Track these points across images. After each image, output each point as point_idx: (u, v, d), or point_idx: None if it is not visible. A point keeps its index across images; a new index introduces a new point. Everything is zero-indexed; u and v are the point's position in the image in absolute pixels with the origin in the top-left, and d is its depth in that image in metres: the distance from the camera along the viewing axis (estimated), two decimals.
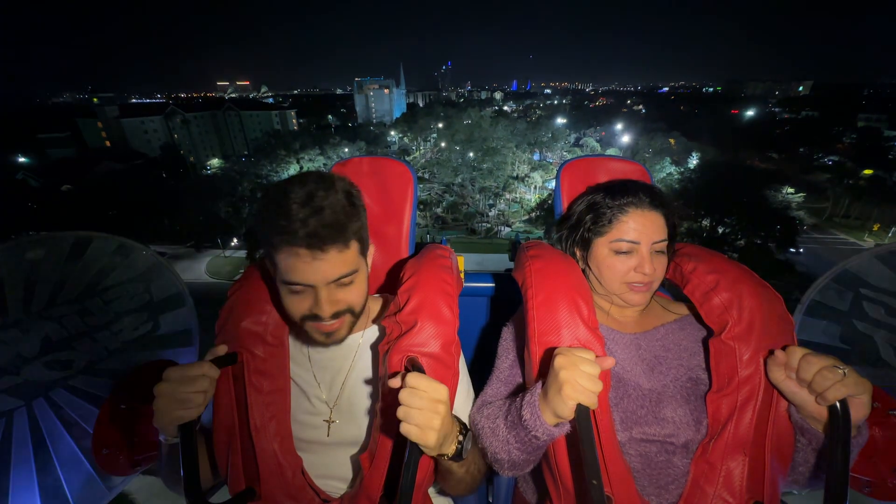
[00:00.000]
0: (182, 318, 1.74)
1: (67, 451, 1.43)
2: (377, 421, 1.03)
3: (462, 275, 1.37)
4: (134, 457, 1.40)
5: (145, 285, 1.65)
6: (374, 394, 1.13)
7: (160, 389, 0.91)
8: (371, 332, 1.22)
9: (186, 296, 1.72)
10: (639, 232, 1.13)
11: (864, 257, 1.42)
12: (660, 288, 1.33)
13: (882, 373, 1.37)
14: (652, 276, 1.14)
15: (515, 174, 44.38)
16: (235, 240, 36.72)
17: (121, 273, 1.59)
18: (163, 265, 1.68)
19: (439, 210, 42.04)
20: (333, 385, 1.16)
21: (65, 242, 1.46)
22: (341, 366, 1.17)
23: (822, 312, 1.48)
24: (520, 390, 1.14)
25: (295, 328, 1.17)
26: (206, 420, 1.12)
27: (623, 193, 1.18)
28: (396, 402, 0.85)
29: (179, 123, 71.90)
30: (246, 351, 1.10)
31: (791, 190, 38.06)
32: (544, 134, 54.16)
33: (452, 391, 1.05)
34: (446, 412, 0.88)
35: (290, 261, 0.92)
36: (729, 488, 0.98)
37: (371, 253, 1.13)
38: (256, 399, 1.08)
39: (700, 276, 1.16)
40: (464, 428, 0.97)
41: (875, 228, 39.38)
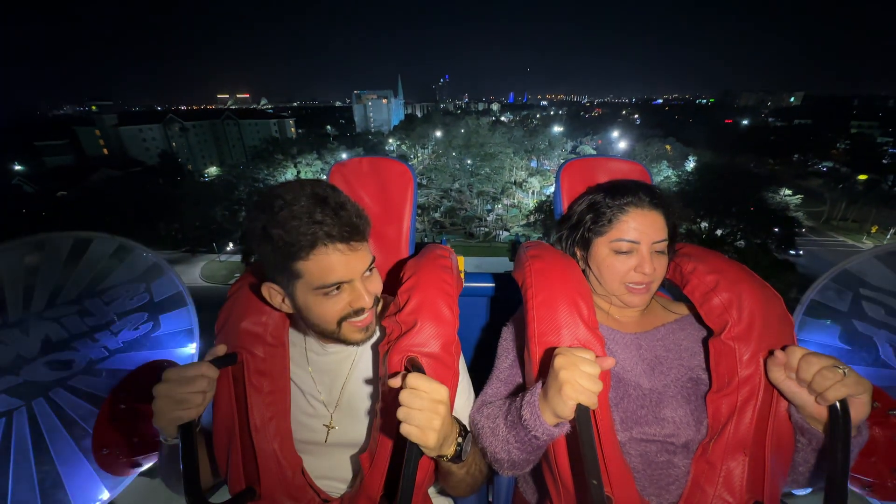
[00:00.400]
0: (182, 318, 1.73)
1: (67, 451, 1.42)
2: (377, 421, 1.03)
3: (462, 275, 1.37)
4: (134, 457, 1.40)
5: (145, 285, 1.65)
6: (375, 394, 1.13)
7: (159, 390, 0.91)
8: (373, 335, 1.21)
9: (186, 296, 1.71)
10: (639, 232, 1.14)
11: (864, 257, 1.43)
12: (660, 288, 1.34)
13: (882, 373, 1.37)
14: (652, 277, 1.14)
15: (513, 179, 44.38)
16: (231, 244, 36.58)
17: (121, 273, 1.59)
18: (163, 265, 1.67)
19: (437, 215, 42.00)
20: (333, 387, 1.16)
21: (65, 243, 1.46)
22: (342, 367, 1.17)
23: (822, 312, 1.48)
24: (520, 390, 1.14)
25: (310, 333, 1.16)
26: (207, 420, 1.12)
27: (623, 193, 1.18)
28: (396, 403, 0.85)
29: (178, 132, 71.88)
30: (246, 351, 1.10)
31: (789, 192, 38.25)
32: (541, 141, 54.31)
33: (452, 391, 1.05)
34: (446, 413, 0.88)
35: (326, 261, 0.93)
36: (729, 488, 0.98)
37: None
38: (256, 399, 1.08)
39: (700, 277, 1.16)
40: (463, 429, 0.97)
41: (873, 230, 39.53)
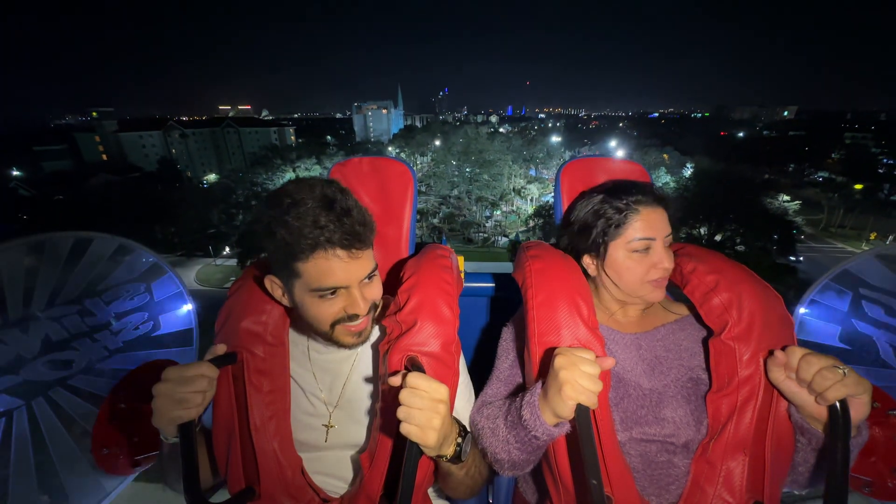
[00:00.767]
0: (182, 318, 1.73)
1: (67, 451, 1.42)
2: (377, 421, 1.03)
3: (462, 275, 1.38)
4: (134, 457, 1.39)
5: (145, 285, 1.65)
6: (375, 394, 1.13)
7: (159, 389, 0.91)
8: (373, 335, 1.21)
9: (186, 296, 1.71)
10: (653, 228, 1.14)
11: (864, 257, 1.43)
12: None
13: (882, 373, 1.37)
14: (671, 269, 1.15)
15: (512, 186, 44.45)
16: (227, 248, 36.54)
17: (121, 273, 1.59)
18: (163, 265, 1.67)
19: (436, 220, 42.02)
20: (334, 386, 1.16)
21: (65, 243, 1.46)
22: (342, 367, 1.17)
23: (822, 312, 1.48)
24: (520, 390, 1.14)
25: (309, 333, 1.17)
26: (206, 420, 1.11)
27: (630, 193, 1.17)
28: (396, 402, 0.85)
29: (178, 138, 71.96)
30: (246, 350, 1.10)
31: (787, 198, 38.46)
32: (539, 150, 54.52)
33: (452, 391, 1.05)
34: (446, 412, 0.88)
35: (325, 265, 0.93)
36: (729, 488, 0.97)
37: None
38: (256, 398, 1.07)
39: (700, 277, 1.16)
40: (463, 430, 0.97)
41: (872, 237, 39.69)
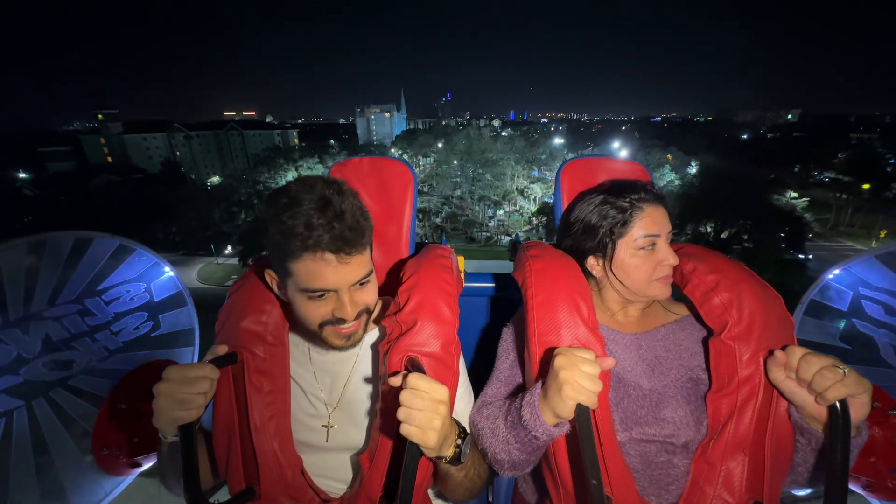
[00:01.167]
0: (182, 318, 1.74)
1: (67, 451, 1.42)
2: (377, 421, 1.03)
3: (462, 275, 1.37)
4: (134, 457, 1.39)
5: (145, 285, 1.65)
6: (375, 395, 1.13)
7: (160, 389, 0.91)
8: (373, 334, 1.21)
9: (187, 296, 1.72)
10: (658, 225, 1.14)
11: (864, 257, 1.42)
12: None
13: (882, 373, 1.36)
14: (676, 264, 1.15)
15: (515, 186, 44.43)
16: (229, 247, 36.68)
17: (121, 273, 1.59)
18: (163, 265, 1.68)
19: (438, 220, 42.04)
20: (335, 387, 1.16)
21: (66, 242, 1.46)
22: (343, 368, 1.17)
23: (822, 312, 1.48)
24: (520, 391, 1.13)
25: (306, 333, 1.17)
26: (206, 420, 1.11)
27: (632, 191, 1.18)
28: (396, 403, 0.85)
29: (182, 140, 72.20)
30: (246, 350, 1.10)
31: (794, 194, 38.24)
32: (542, 152, 54.51)
33: (452, 391, 1.05)
34: (447, 413, 0.88)
35: (314, 267, 0.93)
36: (729, 488, 0.97)
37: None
38: (256, 399, 1.07)
39: (700, 276, 1.16)
40: (462, 431, 0.97)
41: (882, 235, 39.64)
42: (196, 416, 0.93)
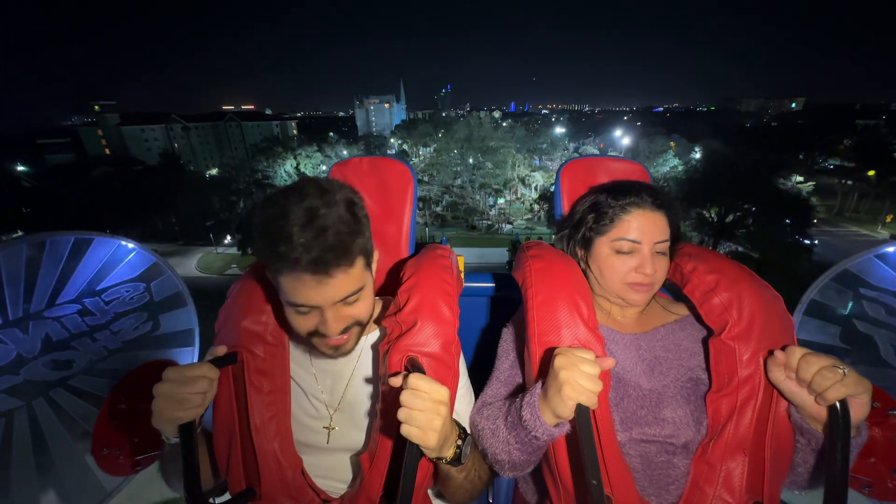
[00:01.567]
0: (182, 318, 1.74)
1: (67, 451, 1.43)
2: (377, 422, 1.03)
3: (462, 275, 1.37)
4: (134, 457, 1.40)
5: (145, 285, 1.65)
6: (376, 395, 1.13)
7: (159, 390, 0.91)
8: (373, 336, 1.21)
9: (187, 296, 1.72)
10: (640, 232, 1.13)
11: (864, 257, 1.42)
12: (660, 288, 1.33)
13: (882, 373, 1.36)
14: (653, 277, 1.14)
15: (516, 174, 44.23)
16: (229, 237, 36.76)
17: (121, 273, 1.59)
18: (163, 265, 1.68)
19: (438, 209, 41.98)
20: (336, 388, 1.16)
21: (65, 242, 1.46)
22: (344, 369, 1.16)
23: (822, 312, 1.47)
24: (520, 391, 1.13)
25: (300, 337, 1.17)
26: (207, 420, 1.12)
27: (626, 193, 1.18)
28: (397, 403, 0.85)
29: (180, 132, 71.92)
30: (246, 350, 1.10)
31: (800, 178, 38.01)
32: (543, 141, 54.24)
33: (453, 391, 1.05)
34: (447, 413, 0.88)
35: (294, 284, 0.90)
36: (729, 488, 0.97)
37: (376, 259, 1.10)
38: (256, 399, 1.07)
39: (700, 276, 1.16)
40: (463, 432, 0.97)
41: (888, 220, 39.77)
42: (194, 416, 0.93)
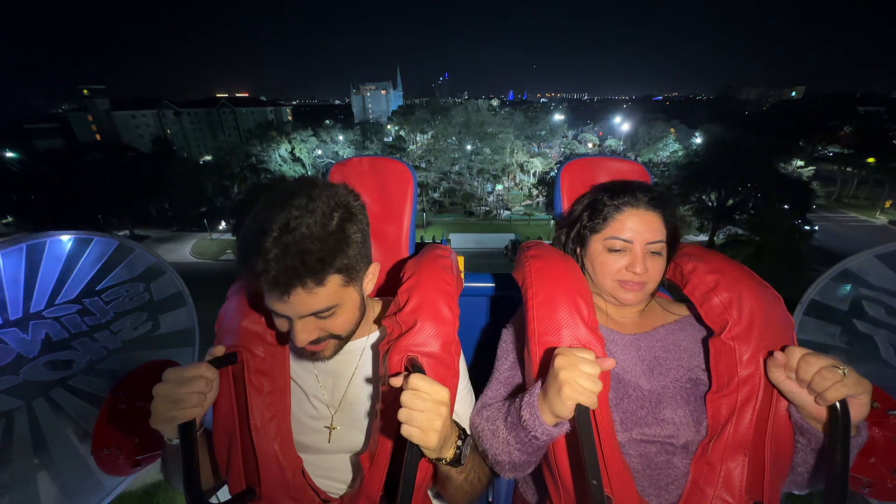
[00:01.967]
0: (182, 318, 1.74)
1: (67, 451, 1.43)
2: (377, 422, 1.03)
3: (462, 275, 1.37)
4: (134, 457, 1.40)
5: (145, 285, 1.65)
6: (376, 395, 1.13)
7: (158, 390, 0.91)
8: (374, 336, 1.21)
9: (186, 296, 1.72)
10: (633, 231, 1.14)
11: (864, 257, 1.42)
12: (660, 288, 1.34)
13: (882, 373, 1.37)
14: (644, 277, 1.14)
15: (514, 160, 43.97)
16: (223, 223, 36.70)
17: (121, 273, 1.58)
18: (163, 265, 1.67)
19: (436, 195, 41.82)
20: (336, 388, 1.16)
21: (65, 242, 1.45)
22: (345, 369, 1.16)
23: (822, 312, 1.47)
24: (519, 392, 1.13)
25: None
26: (207, 421, 1.12)
27: (621, 192, 1.19)
28: (397, 404, 0.85)
29: (172, 117, 71.07)
30: (246, 350, 1.10)
31: (801, 163, 38.10)
32: (542, 128, 53.90)
33: (452, 391, 1.04)
34: (448, 414, 0.88)
35: (267, 293, 0.89)
36: (729, 489, 0.98)
37: (372, 271, 1.08)
38: (257, 399, 1.07)
39: (700, 276, 1.16)
40: (462, 433, 0.97)
41: (887, 205, 40.02)
42: (193, 417, 0.93)
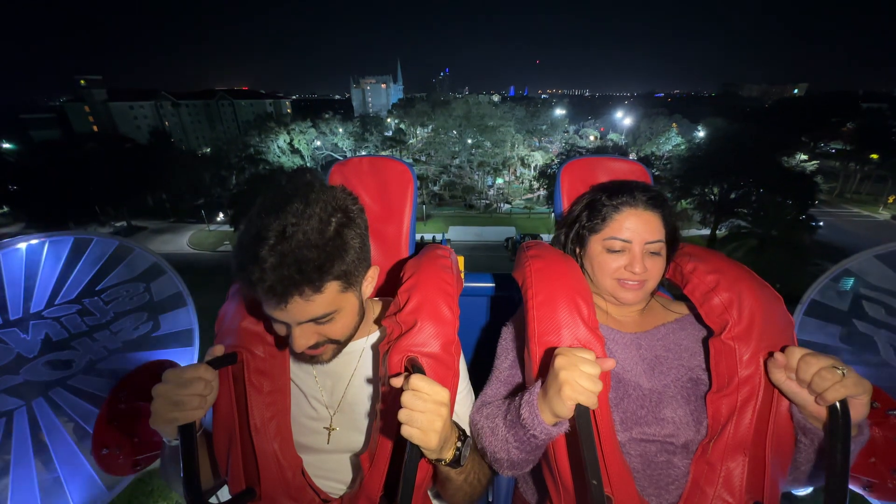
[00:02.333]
0: (182, 318, 1.74)
1: (67, 451, 1.44)
2: (377, 422, 1.03)
3: (462, 275, 1.37)
4: (134, 457, 1.40)
5: (145, 285, 1.64)
6: (376, 395, 1.13)
7: (157, 391, 0.91)
8: (374, 336, 1.20)
9: (187, 296, 1.72)
10: (631, 231, 1.15)
11: (864, 257, 1.42)
12: (660, 288, 1.34)
13: (882, 373, 1.37)
14: (643, 276, 1.14)
15: (515, 154, 43.85)
16: (221, 215, 36.70)
17: (121, 273, 1.58)
18: (163, 265, 1.67)
19: (436, 188, 41.76)
20: (336, 389, 1.15)
21: (65, 242, 1.45)
22: (344, 371, 1.16)
23: (823, 312, 1.47)
24: (519, 391, 1.13)
25: None
26: (207, 421, 1.12)
27: (619, 192, 1.19)
28: (397, 404, 0.85)
29: (170, 109, 70.63)
30: (246, 350, 1.09)
31: (804, 157, 38.10)
32: (542, 122, 53.71)
33: (452, 392, 1.05)
34: (448, 415, 0.88)
35: (262, 300, 0.89)
36: (729, 488, 0.98)
37: (371, 275, 1.08)
38: (256, 399, 1.07)
39: (700, 276, 1.16)
40: (462, 434, 0.97)
41: (890, 201, 40.12)
42: (193, 418, 0.93)
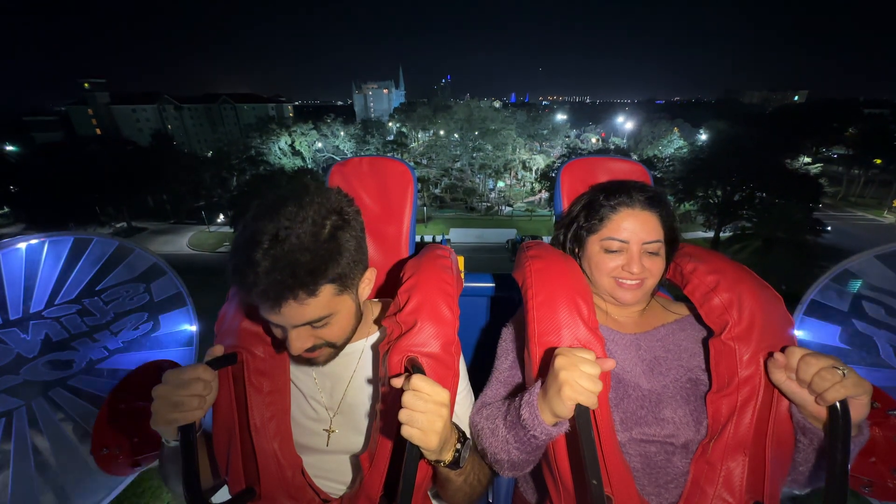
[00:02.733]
0: (182, 319, 1.74)
1: (67, 451, 1.43)
2: (377, 422, 1.03)
3: (462, 275, 1.37)
4: (133, 457, 1.40)
5: (145, 285, 1.65)
6: (376, 396, 1.13)
7: (157, 392, 0.91)
8: (374, 336, 1.20)
9: (187, 296, 1.72)
10: (629, 232, 1.15)
11: (865, 257, 1.42)
12: (660, 288, 1.34)
13: (882, 373, 1.37)
14: (641, 276, 1.14)
15: (516, 157, 43.93)
16: (221, 216, 36.85)
17: (121, 273, 1.58)
18: (163, 265, 1.68)
19: (437, 190, 41.83)
20: (335, 391, 1.15)
21: (65, 243, 1.45)
22: (344, 372, 1.16)
23: (823, 312, 1.47)
24: (519, 391, 1.13)
25: None
26: (206, 421, 1.12)
27: (617, 193, 1.19)
28: (397, 404, 0.85)
29: (173, 112, 70.81)
30: (246, 351, 1.09)
31: (808, 159, 38.26)
32: (544, 127, 53.82)
33: (452, 392, 1.05)
34: (448, 415, 0.88)
35: (257, 303, 0.89)
36: (729, 488, 0.98)
37: (368, 277, 1.08)
38: (256, 399, 1.07)
39: (700, 277, 1.16)
40: (462, 436, 0.97)
41: (894, 204, 40.30)
42: (193, 419, 0.93)
